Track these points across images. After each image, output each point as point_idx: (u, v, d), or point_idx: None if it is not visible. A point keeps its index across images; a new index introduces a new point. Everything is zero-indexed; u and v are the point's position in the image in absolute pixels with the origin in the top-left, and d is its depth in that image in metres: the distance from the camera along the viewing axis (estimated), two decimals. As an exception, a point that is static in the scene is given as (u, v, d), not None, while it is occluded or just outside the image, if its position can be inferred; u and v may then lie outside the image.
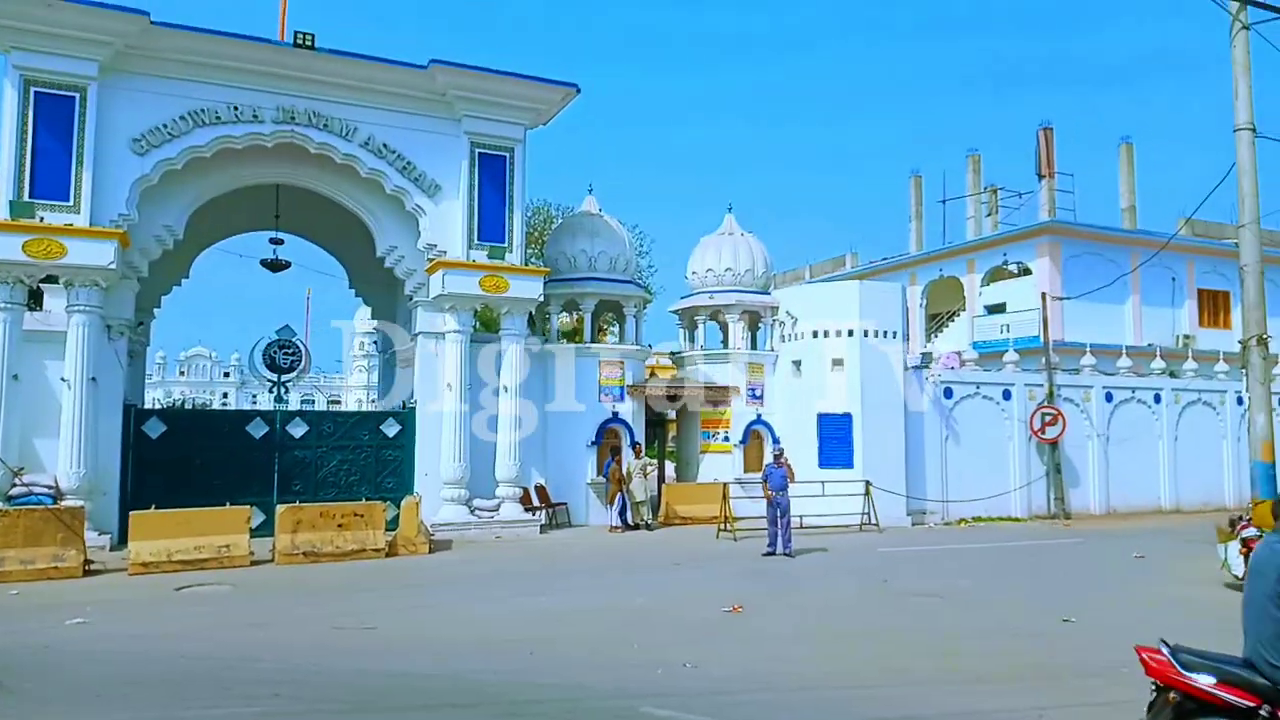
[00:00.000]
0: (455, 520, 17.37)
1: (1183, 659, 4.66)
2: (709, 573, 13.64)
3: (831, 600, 11.63)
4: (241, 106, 16.39)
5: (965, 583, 12.82)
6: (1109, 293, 27.54)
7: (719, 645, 8.93)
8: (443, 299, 17.76)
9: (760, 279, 22.58)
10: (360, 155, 17.19)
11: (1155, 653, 4.78)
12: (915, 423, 21.02)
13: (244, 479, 16.76)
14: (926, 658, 8.55)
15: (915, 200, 41.90)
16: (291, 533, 14.38)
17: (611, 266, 21.01)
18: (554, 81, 18.20)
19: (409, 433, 18.25)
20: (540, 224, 36.22)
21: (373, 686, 7.43)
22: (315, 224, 21.31)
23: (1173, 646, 4.74)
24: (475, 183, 17.93)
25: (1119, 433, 23.56)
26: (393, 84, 17.35)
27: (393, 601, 11.32)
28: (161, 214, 16.46)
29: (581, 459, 19.98)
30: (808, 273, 44.80)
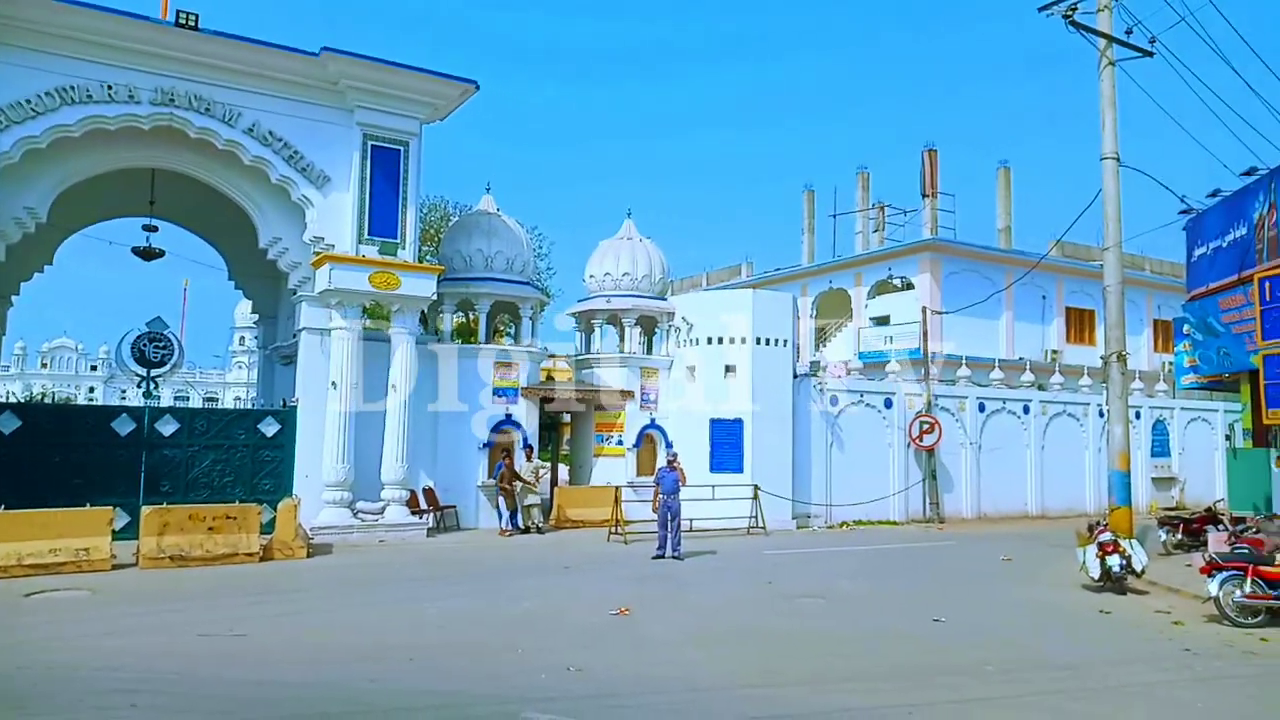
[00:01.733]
0: (337, 524, 16.79)
1: None
2: (598, 576, 13.62)
3: (718, 602, 11.78)
4: (116, 86, 15.45)
5: (845, 584, 13.23)
6: (984, 308, 28.95)
7: (606, 649, 8.92)
8: (329, 294, 17.16)
9: (657, 285, 22.76)
10: (244, 142, 16.46)
11: None
12: (803, 429, 21.60)
13: (108, 479, 15.74)
14: (807, 658, 8.77)
15: (808, 214, 43.14)
16: (158, 535, 13.59)
17: (508, 267, 20.76)
18: (452, 76, 17.88)
19: (289, 432, 17.52)
20: (437, 221, 35.55)
21: (240, 696, 7.09)
22: (193, 212, 20.31)
23: None
24: (367, 176, 17.41)
25: (990, 441, 24.80)
26: (281, 70, 16.69)
27: (266, 608, 10.84)
28: (22, 195, 15.35)
29: (473, 461, 19.65)
30: (704, 280, 45.45)
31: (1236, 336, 13.66)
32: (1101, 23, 15.51)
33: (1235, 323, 13.76)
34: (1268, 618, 10.21)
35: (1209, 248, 15.33)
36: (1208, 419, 29.23)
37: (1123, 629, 10.39)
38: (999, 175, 38.92)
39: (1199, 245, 15.69)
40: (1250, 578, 10.28)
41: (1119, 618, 11.00)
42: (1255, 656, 9.01)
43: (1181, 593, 12.26)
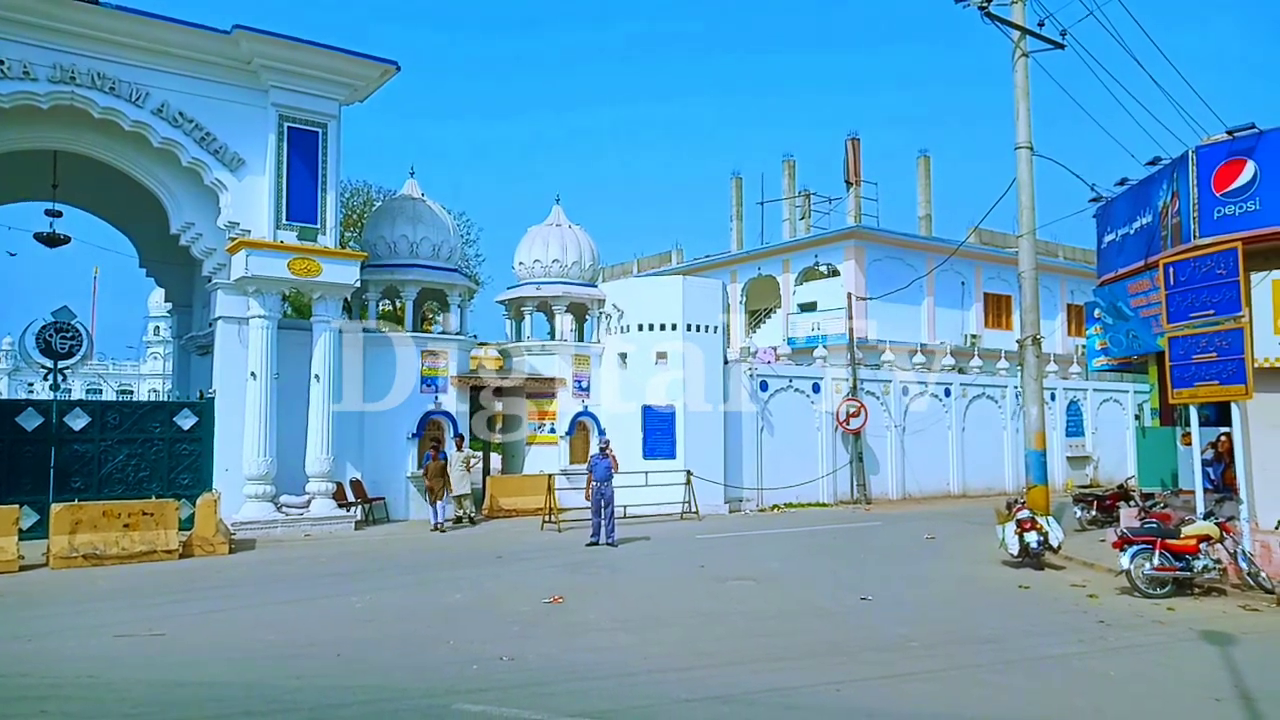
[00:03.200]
0: (260, 518, 16.33)
1: None
2: (531, 565, 13.54)
3: (651, 587, 11.83)
4: (9, 61, 14.65)
5: (775, 565, 13.43)
6: (907, 294, 29.65)
7: (538, 637, 8.87)
8: (246, 281, 16.61)
9: (588, 271, 22.67)
10: (152, 123, 15.79)
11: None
12: (734, 414, 21.84)
13: (13, 475, 15.01)
14: (737, 639, 8.87)
15: (736, 201, 43.45)
16: (70, 534, 13.01)
17: (435, 253, 20.41)
18: (371, 57, 17.45)
19: (207, 425, 16.94)
20: (360, 206, 34.75)
21: (159, 698, 6.82)
22: (101, 196, 19.43)
23: None
24: (284, 159, 16.90)
25: (914, 424, 25.47)
26: (191, 48, 16.05)
27: (186, 606, 10.46)
28: (-93, 176, 14.44)
29: (402, 452, 19.32)
30: (635, 267, 45.46)
31: (1144, 320, 14.25)
32: (1016, 15, 15.94)
33: (1143, 307, 14.34)
34: (1174, 588, 10.73)
35: (1118, 234, 15.93)
36: (1119, 399, 30.56)
37: (1041, 603, 10.79)
38: (919, 164, 39.82)
39: (1108, 232, 16.30)
40: (1158, 551, 10.78)
41: (1037, 592, 11.42)
42: (1163, 625, 9.45)
43: (1096, 567, 12.80)
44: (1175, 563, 10.75)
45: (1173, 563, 10.75)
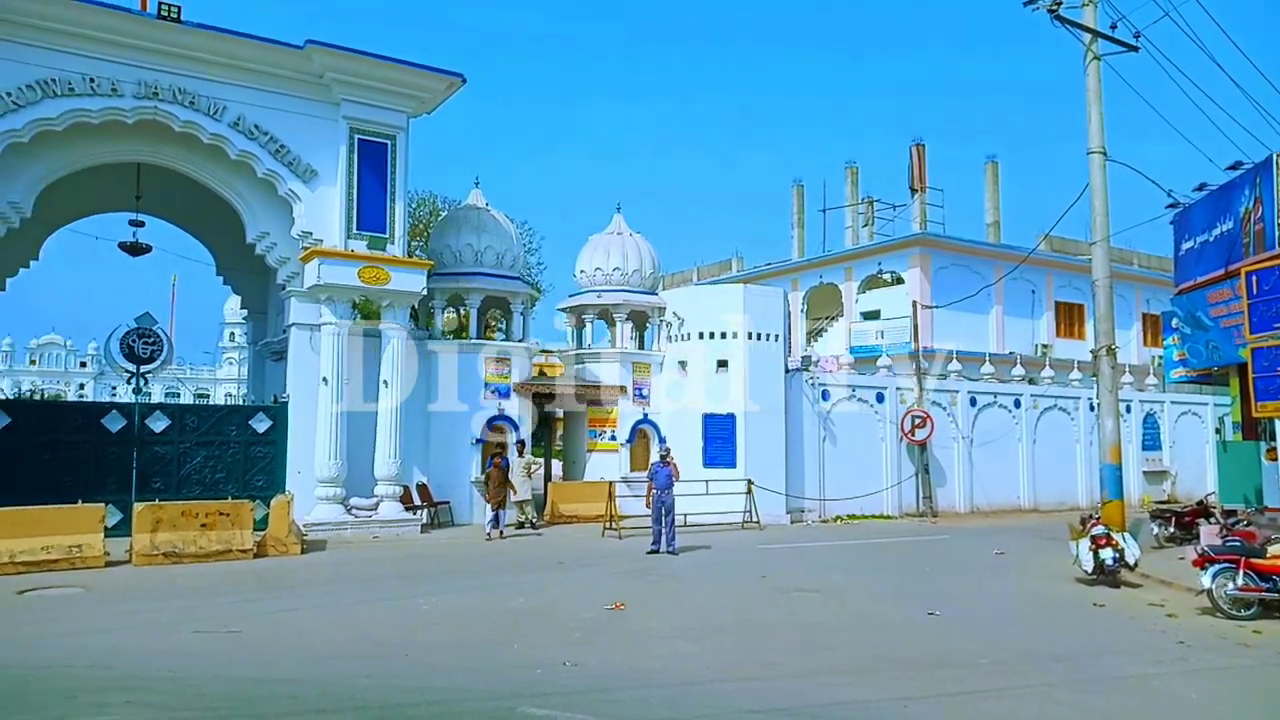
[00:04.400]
0: (330, 520, 16.73)
1: None
2: (593, 572, 13.61)
3: (713, 597, 11.78)
4: (99, 79, 15.31)
5: (839, 578, 13.26)
6: (974, 303, 29.07)
7: (601, 644, 8.91)
8: (318, 289, 17.07)
9: (648, 279, 22.74)
10: (229, 136, 16.35)
11: None
12: (795, 424, 21.64)
13: (99, 475, 15.66)
14: (801, 651, 8.78)
15: (797, 208, 43.14)
16: (151, 532, 13.51)
17: (498, 262, 20.70)
18: (438, 70, 17.80)
19: (281, 428, 17.45)
20: (426, 216, 35.38)
21: (236, 694, 7.05)
22: (180, 207, 20.19)
23: None
24: (355, 170, 17.33)
25: (982, 435, 24.90)
26: (266, 63, 16.59)
27: (260, 604, 10.78)
28: (6, 190, 15.23)
29: (466, 457, 19.60)
30: (695, 275, 45.44)
31: (1225, 330, 13.73)
32: (1086, 17, 15.52)
33: (1223, 316, 13.83)
34: (1260, 610, 10.27)
35: (1196, 241, 15.39)
36: (1198, 412, 29.43)
37: (1116, 622, 10.44)
38: (987, 170, 39.00)
39: (1186, 239, 15.76)
40: (1242, 570, 10.34)
41: (1113, 610, 11.06)
42: (1248, 649, 9.07)
43: (1174, 586, 12.33)
44: (1261, 583, 10.30)
45: (1258, 583, 10.30)
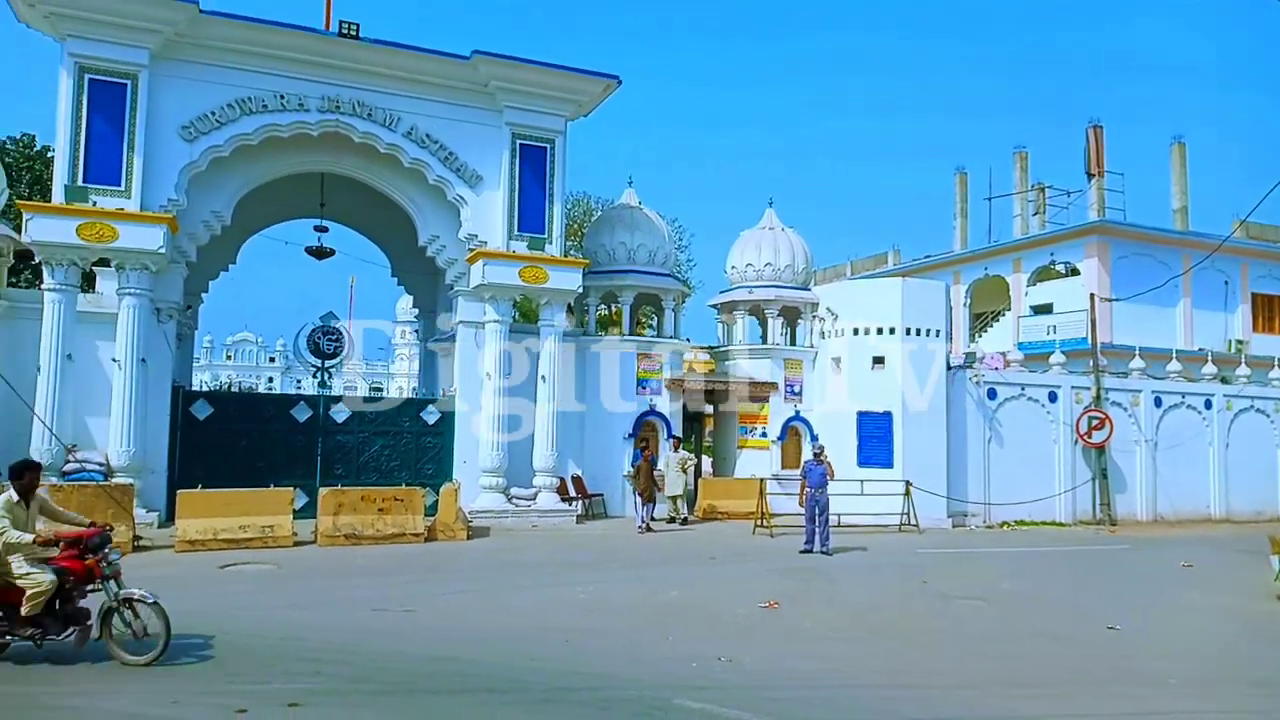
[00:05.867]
0: (493, 508, 17.48)
1: None
2: (744, 569, 13.56)
3: (870, 599, 11.49)
4: (288, 95, 16.59)
5: (1007, 586, 12.61)
6: (1159, 295, 26.94)
7: (755, 640, 8.87)
8: (482, 289, 17.86)
9: (800, 275, 22.39)
10: (403, 145, 17.33)
11: None
12: (958, 423, 20.72)
13: (288, 461, 17.04)
14: (968, 660, 8.42)
15: (960, 197, 41.24)
16: (333, 515, 14.57)
17: (650, 259, 20.97)
18: (595, 73, 18.19)
19: (448, 420, 18.41)
20: (580, 216, 36.28)
21: (411, 669, 7.48)
22: (359, 212, 21.56)
23: None
24: (516, 173, 17.99)
25: (1168, 438, 23.00)
26: (436, 74, 17.46)
27: (431, 586, 11.41)
28: (209, 200, 16.74)
29: (618, 451, 19.97)
30: (849, 269, 44.31)
31: None
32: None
33: None
34: None
35: None
36: None
37: (1330, 646, 9.41)
38: (1173, 152, 35.92)
39: None
40: None
41: (1325, 633, 9.97)
42: None
43: (1401, 609, 10.98)
44: None
45: None
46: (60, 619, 7.17)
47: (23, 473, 7.43)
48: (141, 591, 7.27)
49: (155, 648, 7.16)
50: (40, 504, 7.55)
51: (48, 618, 7.10)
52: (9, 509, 7.16)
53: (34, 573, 7.06)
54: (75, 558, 7.24)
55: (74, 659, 7.22)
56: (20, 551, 7.09)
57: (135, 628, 7.24)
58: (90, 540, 7.30)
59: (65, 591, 7.16)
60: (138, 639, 7.22)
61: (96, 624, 7.25)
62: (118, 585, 7.31)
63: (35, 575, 7.05)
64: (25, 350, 15.36)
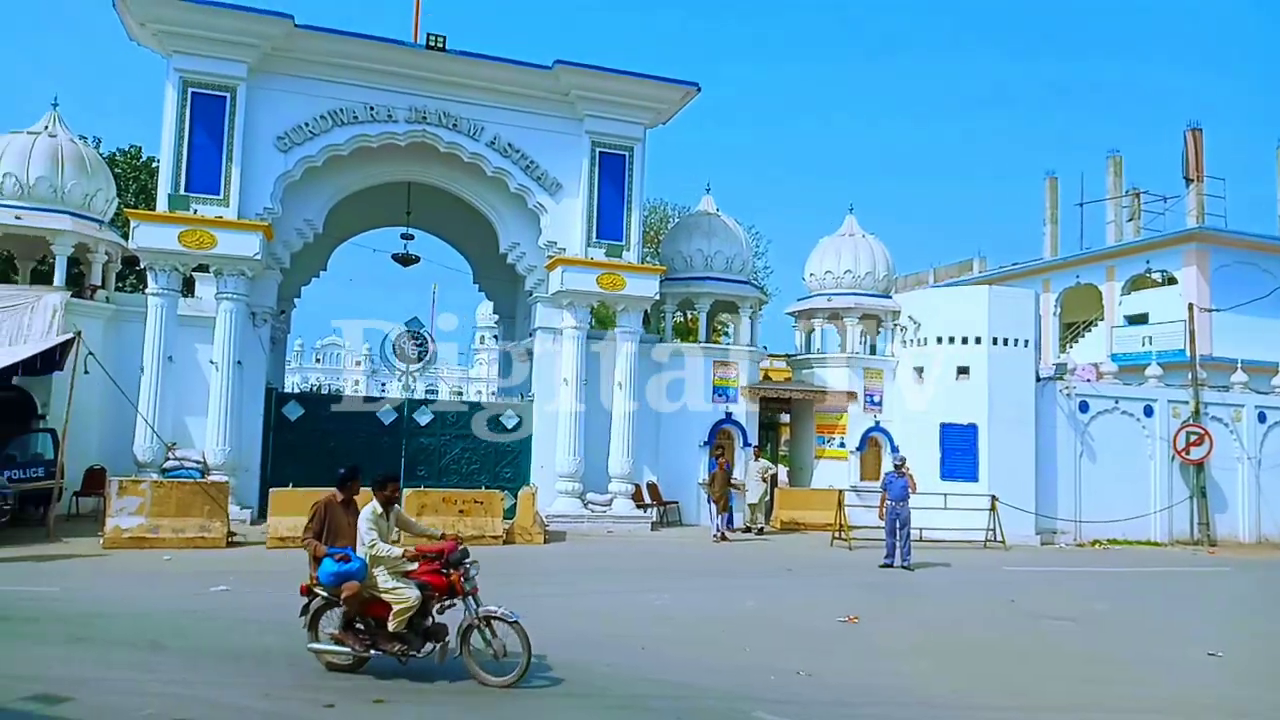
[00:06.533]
0: (569, 513, 17.62)
1: None
2: (822, 581, 13.36)
3: (953, 616, 11.18)
4: (377, 107, 17.09)
5: (1100, 607, 12.11)
6: (1264, 305, 25.64)
7: (834, 655, 8.72)
8: (561, 295, 18.05)
9: (881, 282, 21.99)
10: (486, 154, 17.66)
11: None
12: (1047, 437, 20.02)
13: (373, 462, 17.31)
14: (1058, 682, 8.10)
15: (1050, 203, 39.91)
16: (417, 516, 14.85)
17: (728, 266, 20.89)
18: (675, 80, 18.22)
19: (526, 425, 18.65)
20: (656, 223, 36.39)
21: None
22: (443, 220, 22.05)
23: None
24: (595, 181, 18.15)
25: (1273, 456, 21.79)
26: (518, 84, 17.74)
27: (510, 588, 11.47)
28: (302, 208, 17.36)
29: (694, 459, 19.92)
30: (931, 276, 43.33)
31: None
32: None
33: None
34: None
35: None
36: None
37: None
38: (1278, 155, 34.10)
39: None
40: None
41: None
42: None
43: None
44: None
45: None
46: (421, 635, 7.00)
47: (385, 484, 7.28)
48: (503, 610, 7.01)
49: (515, 669, 6.89)
50: (396, 516, 7.38)
51: (410, 633, 6.94)
52: (375, 521, 7.03)
53: (400, 587, 6.89)
54: (436, 572, 7.05)
55: (432, 675, 7.05)
56: (384, 564, 6.94)
57: (495, 647, 6.94)
58: (451, 554, 7.09)
59: (424, 606, 6.98)
60: (497, 659, 6.92)
61: (456, 641, 7.03)
62: (476, 602, 7.06)
63: (401, 590, 6.88)
64: (130, 352, 16.20)
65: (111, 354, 16.10)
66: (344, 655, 7.05)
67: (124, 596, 10.08)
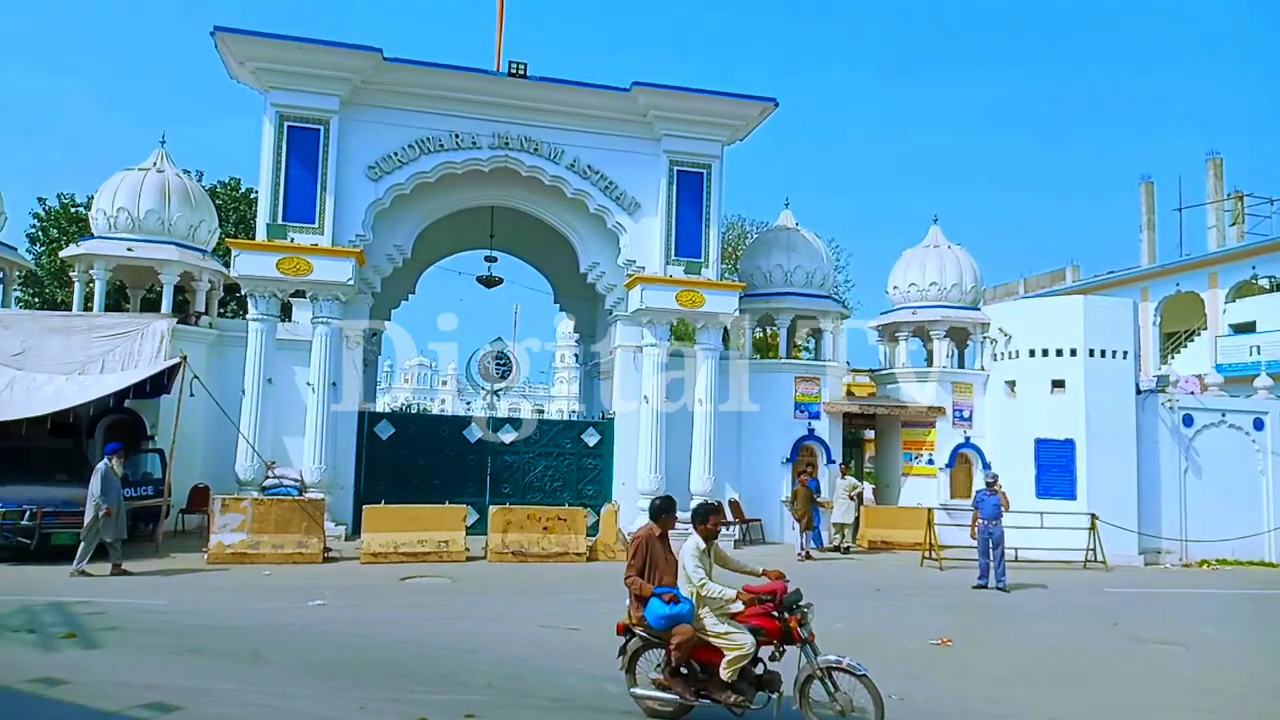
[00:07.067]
0: (638, 531, 17.58)
1: None
2: (912, 602, 13.02)
3: (1051, 639, 10.75)
4: (462, 134, 17.55)
5: (1210, 630, 11.50)
6: (1388, 311, 23.91)
7: (927, 678, 8.48)
8: (640, 313, 18.16)
9: (969, 294, 21.44)
10: (567, 177, 17.94)
11: None
12: (1149, 452, 19.12)
13: (460, 480, 17.89)
14: (1166, 713, 7.72)
15: (1146, 209, 38.42)
16: (502, 532, 15.15)
17: (808, 281, 20.68)
18: (752, 97, 18.18)
19: (608, 442, 18.78)
20: (734, 239, 36.31)
21: (581, 689, 7.64)
22: (524, 242, 22.45)
23: None
24: (673, 200, 18.22)
25: (1401, 470, 20.31)
26: (597, 107, 17.98)
27: (594, 605, 11.59)
28: (392, 234, 17.93)
29: (776, 476, 19.71)
30: (1021, 287, 42.06)
31: None
32: None
33: None
34: None
35: None
36: None
37: None
38: (1407, 148, 32.02)
39: None
40: None
41: None
42: None
43: None
44: None
45: None
46: (753, 684, 6.39)
47: (707, 516, 6.69)
48: (848, 660, 6.31)
49: None
50: (715, 551, 6.80)
51: (743, 682, 6.35)
52: (700, 558, 6.49)
53: (733, 632, 6.31)
54: (767, 615, 6.43)
55: None
56: (709, 605, 6.42)
57: (841, 701, 6.21)
58: (787, 596, 6.43)
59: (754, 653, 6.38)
60: (844, 715, 6.22)
61: (795, 693, 6.38)
62: (814, 650, 6.37)
63: (735, 636, 6.30)
64: (231, 375, 16.98)
65: (214, 377, 16.88)
66: (669, 703, 6.55)
67: (227, 610, 10.53)
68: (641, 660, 6.74)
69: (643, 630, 6.67)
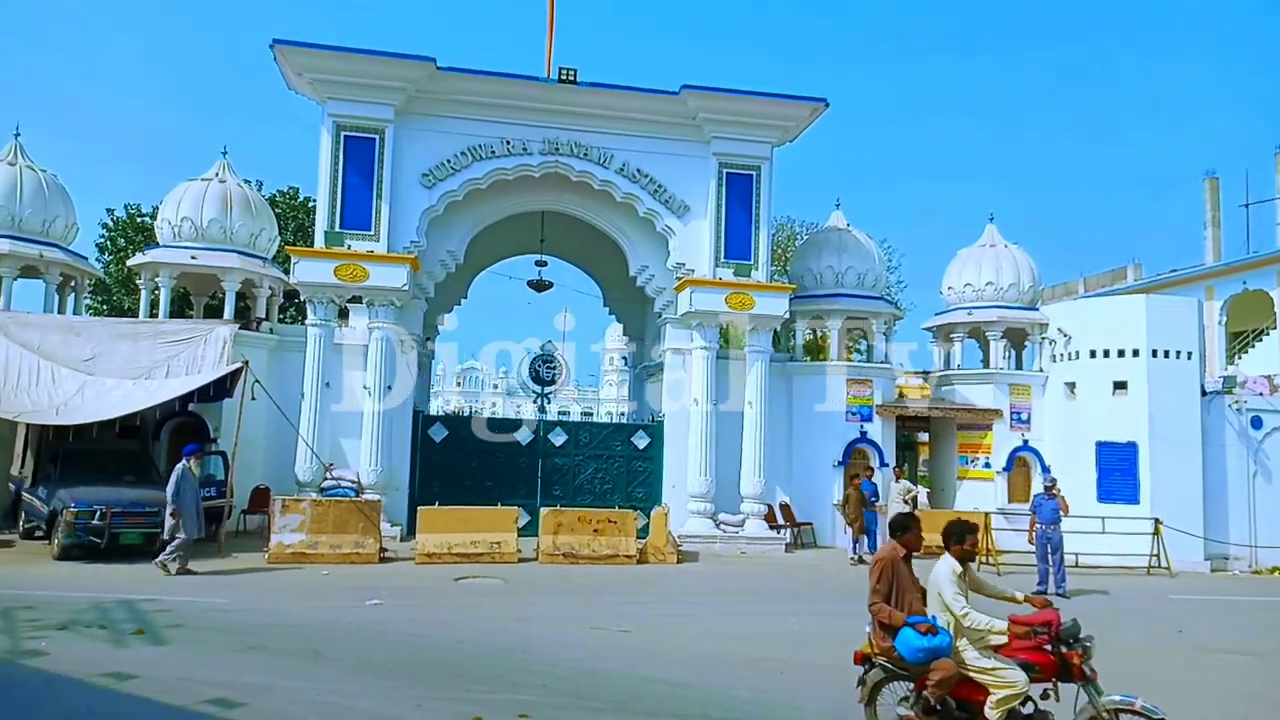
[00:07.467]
0: (701, 533, 17.61)
1: None
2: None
3: (1114, 647, 10.33)
4: (513, 141, 17.74)
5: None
6: None
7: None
8: (690, 316, 18.15)
9: (1026, 294, 21.01)
10: (616, 181, 18.02)
11: None
12: (1215, 455, 18.55)
13: (512, 482, 18.10)
14: (1237, 724, 7.47)
15: (1211, 205, 37.20)
16: (553, 534, 15.28)
17: (859, 282, 20.47)
18: (802, 98, 18.06)
19: (657, 445, 18.81)
20: (784, 241, 36.04)
21: (631, 690, 7.67)
22: (573, 246, 22.61)
23: None
24: (722, 202, 18.18)
25: None
26: (646, 111, 18.04)
27: (644, 608, 11.66)
28: (445, 241, 18.21)
29: (827, 479, 19.53)
30: (1081, 286, 41.02)
31: None
32: None
33: None
34: None
35: None
36: None
37: None
38: None
39: None
40: None
41: None
42: None
43: None
44: None
45: None
46: None
47: (964, 535, 6.15)
48: (1141, 702, 5.54)
49: None
50: (970, 575, 6.20)
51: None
52: (959, 583, 5.91)
53: (1001, 668, 5.69)
54: (1038, 649, 5.79)
55: None
56: (967, 636, 5.81)
57: None
58: (1065, 628, 5.74)
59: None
60: None
61: None
62: (1097, 690, 5.66)
63: (1004, 672, 5.66)
64: (290, 379, 17.41)
65: (274, 381, 17.30)
66: None
67: (287, 609, 10.80)
68: (885, 692, 6.14)
69: (887, 661, 6.06)
